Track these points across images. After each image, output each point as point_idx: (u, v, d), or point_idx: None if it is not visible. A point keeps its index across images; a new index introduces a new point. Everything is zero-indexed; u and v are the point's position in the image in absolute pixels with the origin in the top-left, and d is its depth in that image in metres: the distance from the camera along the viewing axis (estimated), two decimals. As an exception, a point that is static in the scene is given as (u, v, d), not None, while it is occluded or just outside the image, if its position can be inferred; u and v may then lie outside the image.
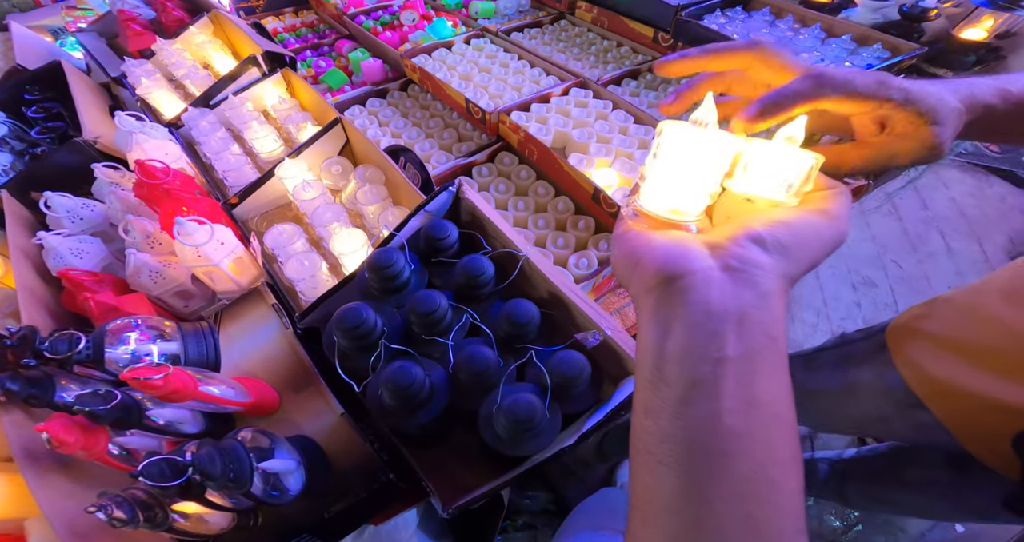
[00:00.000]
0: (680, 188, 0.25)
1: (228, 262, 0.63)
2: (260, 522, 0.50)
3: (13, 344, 0.47)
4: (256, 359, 0.60)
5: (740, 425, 0.19)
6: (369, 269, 0.53)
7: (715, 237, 0.23)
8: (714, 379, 0.20)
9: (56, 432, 0.42)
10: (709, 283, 0.21)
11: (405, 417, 0.45)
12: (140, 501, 0.41)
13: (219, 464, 0.40)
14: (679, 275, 0.22)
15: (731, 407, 0.20)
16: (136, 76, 0.93)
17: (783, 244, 0.22)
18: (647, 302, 0.23)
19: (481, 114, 0.87)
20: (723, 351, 0.20)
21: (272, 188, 0.77)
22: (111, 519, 0.38)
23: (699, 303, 0.21)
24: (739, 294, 0.21)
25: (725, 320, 0.20)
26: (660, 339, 0.22)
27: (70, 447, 0.43)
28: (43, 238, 0.64)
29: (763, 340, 0.20)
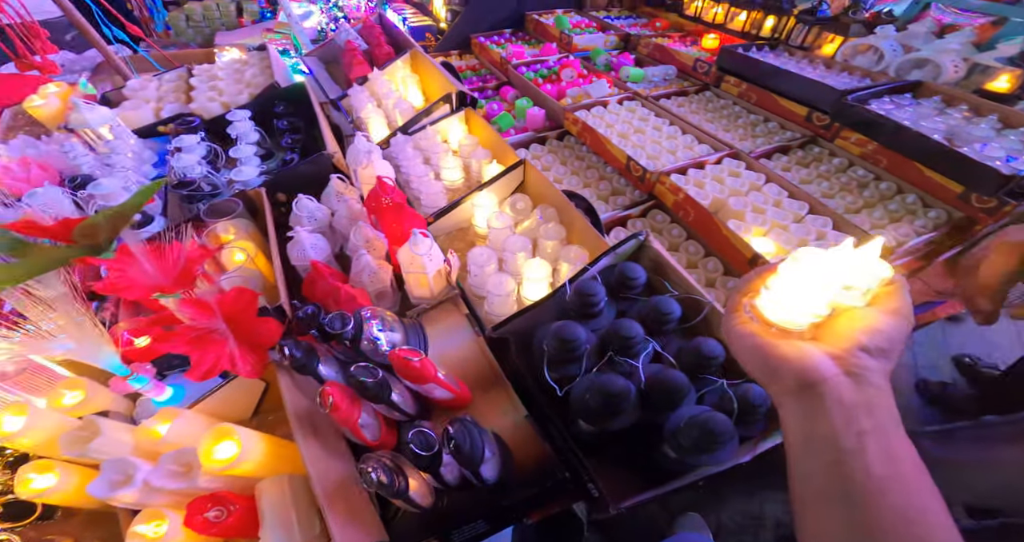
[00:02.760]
0: (798, 309, 0.31)
1: (433, 272, 0.74)
2: (447, 504, 0.57)
3: (302, 317, 0.60)
4: (450, 359, 0.68)
5: (887, 472, 0.27)
6: (575, 294, 0.61)
7: (832, 349, 0.30)
8: (859, 446, 0.27)
9: (337, 397, 0.52)
10: (840, 387, 0.29)
11: (605, 420, 0.51)
12: (392, 469, 0.49)
13: (468, 441, 0.48)
14: (816, 382, 0.29)
15: (877, 461, 0.27)
16: (361, 101, 1.11)
17: (883, 349, 0.30)
18: (789, 401, 0.31)
19: (641, 172, 0.95)
20: (862, 426, 0.28)
21: (459, 212, 0.89)
22: (378, 481, 0.46)
23: (836, 400, 0.29)
24: (863, 391, 0.29)
25: (857, 408, 0.28)
26: (809, 426, 0.29)
27: (342, 411, 0.52)
28: (297, 232, 0.78)
29: (887, 417, 0.28)
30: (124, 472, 0.49)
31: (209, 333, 0.54)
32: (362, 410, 0.55)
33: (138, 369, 0.61)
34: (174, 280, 0.53)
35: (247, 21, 2.79)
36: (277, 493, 0.54)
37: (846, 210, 0.93)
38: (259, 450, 0.53)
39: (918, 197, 0.95)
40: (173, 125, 1.10)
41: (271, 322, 0.58)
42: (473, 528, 0.57)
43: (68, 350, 0.53)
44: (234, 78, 1.24)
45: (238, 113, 1.08)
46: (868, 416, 0.28)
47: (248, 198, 0.90)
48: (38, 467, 0.51)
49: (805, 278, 0.31)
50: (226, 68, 1.28)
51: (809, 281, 0.31)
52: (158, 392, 0.64)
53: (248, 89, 1.20)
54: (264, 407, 0.67)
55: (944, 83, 1.08)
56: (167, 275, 0.53)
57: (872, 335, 0.30)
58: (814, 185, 0.98)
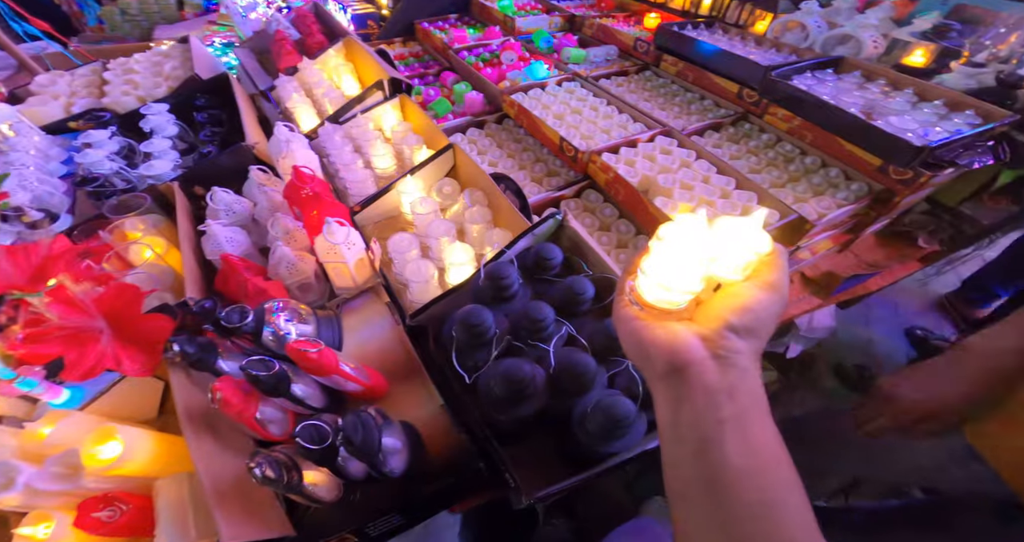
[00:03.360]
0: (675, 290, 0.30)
1: (354, 261, 0.71)
2: (358, 498, 0.55)
3: (197, 312, 0.56)
4: (369, 349, 0.66)
5: (743, 463, 0.26)
6: (487, 278, 0.59)
7: (703, 329, 0.29)
8: (719, 434, 0.27)
9: (226, 392, 0.49)
10: (705, 371, 0.28)
11: (511, 408, 0.50)
12: (283, 464, 0.46)
13: (360, 433, 0.46)
14: (683, 366, 0.28)
15: (734, 451, 0.26)
16: (288, 91, 1.05)
17: (751, 329, 0.29)
18: (660, 386, 0.30)
19: (574, 153, 0.93)
20: (721, 413, 0.27)
21: (387, 201, 0.86)
22: (263, 477, 0.44)
23: (700, 385, 0.28)
24: (727, 374, 0.28)
25: (720, 394, 0.27)
26: (675, 411, 0.29)
27: (233, 407, 0.49)
28: (208, 225, 0.74)
29: (749, 401, 0.28)
30: (6, 475, 0.47)
31: (85, 332, 0.50)
32: (260, 405, 0.52)
33: (25, 372, 0.57)
34: (29, 277, 0.49)
35: (189, 14, 2.64)
36: (175, 492, 0.52)
37: (772, 184, 0.94)
38: (147, 449, 0.51)
39: (841, 170, 0.96)
40: (83, 121, 1.02)
41: (160, 318, 0.55)
42: (388, 521, 0.55)
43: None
44: (152, 71, 1.16)
45: (154, 106, 1.01)
46: (730, 401, 0.27)
47: (160, 193, 0.85)
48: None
49: (674, 255, 0.29)
50: (144, 61, 1.20)
51: (678, 257, 0.29)
52: (53, 394, 0.59)
53: (167, 82, 1.13)
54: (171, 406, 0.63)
55: (865, 59, 1.10)
56: (22, 273, 0.49)
57: (741, 314, 0.29)
58: (743, 161, 0.98)
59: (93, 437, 0.47)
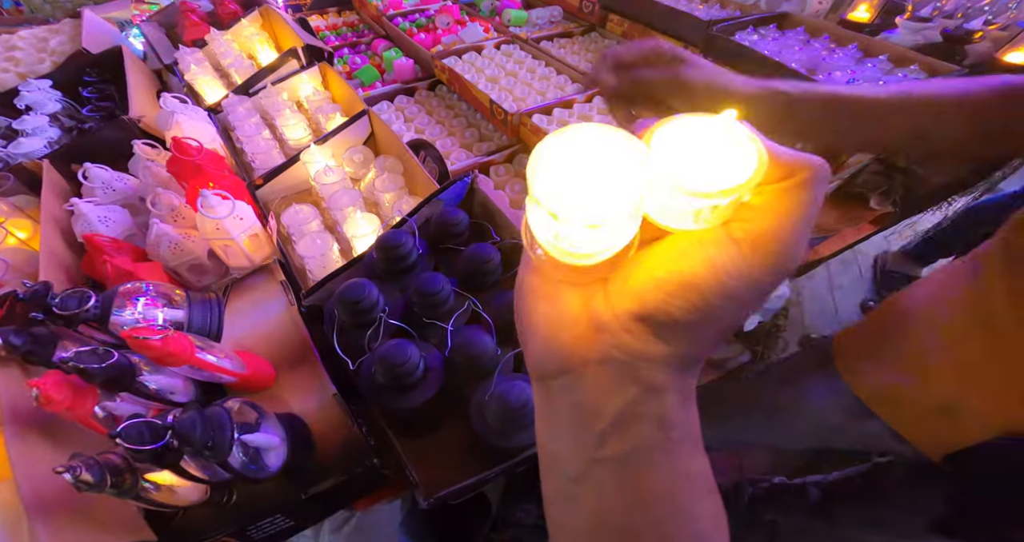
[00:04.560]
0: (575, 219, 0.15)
1: (244, 238, 0.62)
2: (234, 499, 0.47)
3: (24, 298, 0.47)
4: (258, 334, 0.58)
5: (624, 523, 0.18)
6: (378, 249, 0.51)
7: (606, 310, 0.17)
8: (595, 478, 0.18)
9: (47, 388, 0.40)
10: (585, 382, 0.18)
11: (396, 396, 0.42)
12: (112, 466, 0.38)
13: (199, 430, 0.37)
14: (555, 374, 0.18)
15: (614, 507, 0.18)
16: (187, 63, 0.94)
17: (683, 323, 0.15)
18: (535, 390, 0.21)
19: (504, 115, 0.85)
20: (603, 451, 0.18)
21: (296, 173, 0.76)
22: (77, 481, 0.36)
23: (576, 404, 0.18)
24: (620, 391, 0.17)
25: (602, 420, 0.17)
26: (548, 429, 0.20)
27: (57, 405, 0.41)
28: (75, 204, 0.64)
29: (651, 434, 0.17)
30: None
31: None
32: (104, 401, 0.44)
33: None
34: None
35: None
36: (10, 498, 0.43)
37: (716, 142, 0.87)
38: None
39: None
40: (-47, 99, 0.89)
41: (-22, 308, 0.45)
42: (273, 523, 0.47)
43: None
44: (35, 47, 1.03)
45: (34, 83, 0.89)
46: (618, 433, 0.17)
47: (29, 172, 0.73)
48: None
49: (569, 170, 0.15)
50: (29, 37, 1.07)
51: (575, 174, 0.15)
52: None
53: (52, 58, 1.00)
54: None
55: (811, 15, 1.04)
56: None
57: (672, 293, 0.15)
58: (686, 120, 0.91)
59: None
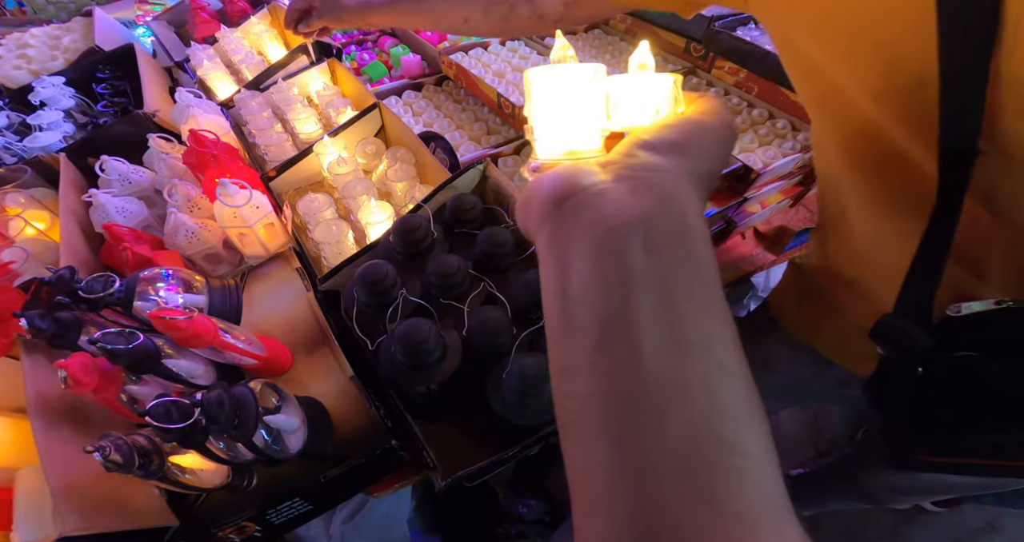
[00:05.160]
0: (566, 127, 0.22)
1: (260, 226, 0.63)
2: (255, 483, 0.48)
3: (50, 282, 0.47)
4: (275, 320, 0.58)
5: (668, 370, 0.15)
6: (395, 233, 0.51)
7: (607, 157, 0.20)
8: (627, 311, 0.15)
9: (74, 370, 0.41)
10: (603, 196, 0.17)
11: (415, 376, 0.43)
12: (139, 447, 0.39)
13: (227, 409, 0.38)
14: (568, 196, 0.18)
15: (654, 347, 0.15)
16: (199, 59, 0.95)
17: (674, 142, 0.19)
18: (541, 235, 0.19)
19: (511, 108, 0.85)
20: (632, 273, 0.15)
21: (308, 166, 0.77)
22: (107, 461, 0.36)
23: (595, 222, 0.17)
24: (639, 202, 0.16)
25: (629, 234, 0.16)
26: (561, 275, 0.17)
27: (84, 387, 0.41)
28: (93, 195, 0.64)
29: (678, 252, 0.16)
30: None
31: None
32: (129, 384, 0.44)
33: None
34: None
35: (123, -7, 2.45)
36: (36, 482, 0.44)
37: (720, 134, 0.88)
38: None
39: (788, 121, 0.91)
40: (-33, 96, 0.90)
41: (8, 291, 0.46)
42: (292, 507, 0.48)
43: None
44: (48, 45, 1.04)
45: (48, 80, 0.90)
46: (645, 249, 0.16)
47: (46, 165, 0.74)
48: None
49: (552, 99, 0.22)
50: (41, 36, 1.08)
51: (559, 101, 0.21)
52: None
53: (65, 55, 1.01)
54: None
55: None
56: None
57: (657, 129, 0.19)
58: (691, 113, 0.92)
59: None
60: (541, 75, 0.22)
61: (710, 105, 0.21)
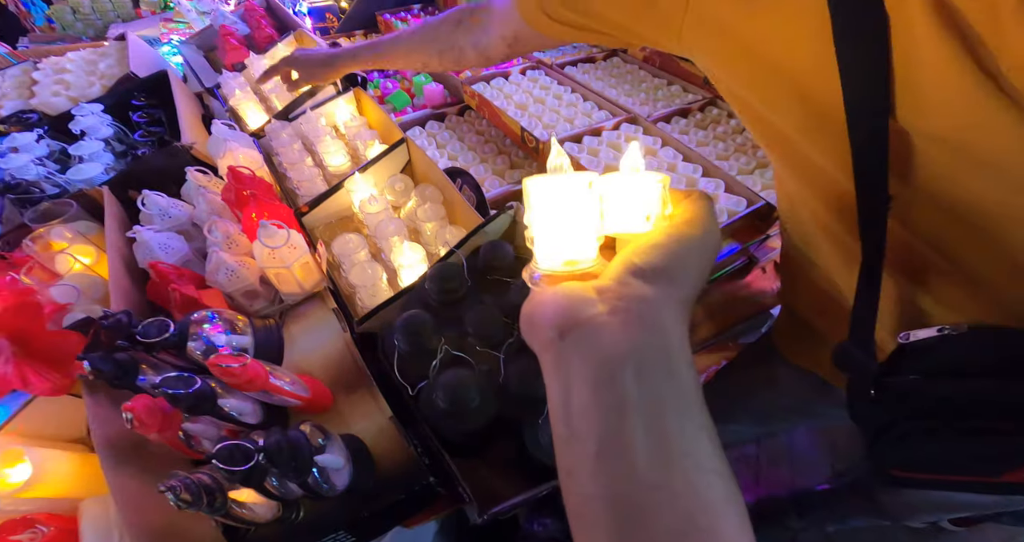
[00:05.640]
0: (563, 238, 0.24)
1: (297, 266, 0.67)
2: (301, 516, 0.51)
3: (109, 326, 0.51)
4: (313, 359, 0.62)
5: (657, 478, 0.19)
6: (431, 281, 0.55)
7: (602, 279, 0.22)
8: (620, 430, 0.19)
9: (139, 412, 0.45)
10: (599, 331, 0.20)
11: (456, 421, 0.46)
12: (205, 485, 0.43)
13: (285, 452, 0.42)
14: (570, 328, 0.21)
15: (645, 460, 0.19)
16: (231, 88, 1.00)
17: (661, 269, 0.21)
18: (546, 359, 0.22)
19: (535, 143, 0.90)
20: (625, 399, 0.19)
21: (338, 201, 0.81)
22: (178, 499, 0.40)
23: (592, 355, 0.20)
24: (631, 336, 0.20)
25: (622, 367, 0.19)
26: (564, 395, 0.21)
27: (148, 428, 0.45)
28: (137, 232, 0.69)
29: (663, 379, 0.20)
30: None
31: (-16, 352, 0.45)
32: (190, 424, 0.48)
33: None
34: None
35: (145, 11, 2.54)
36: (100, 513, 0.48)
37: (739, 171, 0.91)
38: (62, 470, 0.48)
39: (810, 153, 0.94)
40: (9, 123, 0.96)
41: (68, 335, 0.50)
42: (336, 539, 0.52)
43: None
44: (85, 70, 1.10)
45: (86, 107, 0.95)
46: (636, 378, 0.19)
47: (90, 198, 0.79)
48: None
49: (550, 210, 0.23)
50: (77, 60, 1.14)
51: (555, 212, 0.23)
52: None
53: (101, 81, 1.07)
54: None
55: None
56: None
57: (646, 252, 0.21)
58: (710, 147, 0.96)
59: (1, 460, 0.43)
60: (539, 186, 0.23)
61: (695, 213, 0.23)
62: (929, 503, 0.69)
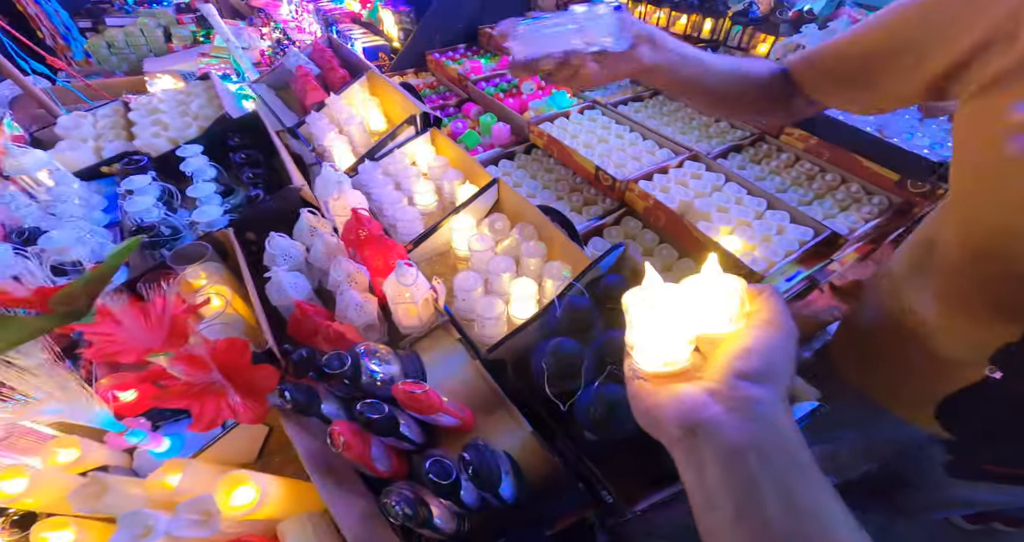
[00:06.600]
0: (662, 345, 0.29)
1: (420, 301, 0.78)
2: (467, 526, 0.61)
3: (298, 360, 0.62)
4: (449, 384, 0.72)
5: (790, 528, 0.23)
6: (566, 311, 0.66)
7: (710, 383, 0.28)
8: (754, 496, 0.24)
9: (348, 435, 0.55)
10: (722, 427, 0.26)
11: (612, 429, 0.56)
12: (414, 500, 0.52)
13: (485, 465, 0.52)
14: (695, 426, 0.26)
15: (777, 514, 0.23)
16: (321, 128, 1.12)
17: (763, 373, 0.27)
18: (678, 451, 0.28)
19: (611, 181, 1.02)
20: (754, 479, 0.24)
21: (437, 237, 0.93)
22: (403, 514, 0.50)
23: (721, 446, 0.26)
24: (749, 429, 0.25)
25: (748, 453, 0.25)
26: (699, 475, 0.26)
27: (354, 450, 0.55)
28: (274, 272, 0.80)
29: (783, 460, 0.25)
30: (143, 524, 0.51)
31: (207, 386, 0.55)
32: (372, 445, 0.58)
33: (132, 424, 0.62)
34: (165, 339, 0.54)
35: (177, 46, 2.72)
36: (300, 532, 0.56)
37: (799, 203, 1.04)
38: (277, 493, 0.56)
39: (860, 186, 1.07)
40: (118, 165, 1.07)
41: (267, 368, 0.60)
42: (497, 549, 0.61)
43: (59, 413, 0.54)
44: (178, 110, 1.23)
45: (189, 148, 1.07)
46: (762, 462, 0.25)
47: (215, 240, 0.90)
48: (52, 525, 0.52)
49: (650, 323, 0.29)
50: (168, 100, 1.26)
51: (656, 325, 0.29)
52: (156, 444, 0.65)
53: (196, 122, 1.19)
54: (269, 448, 0.69)
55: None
56: (156, 334, 0.54)
57: (746, 358, 0.27)
58: (768, 181, 1.09)
59: (225, 484, 0.52)
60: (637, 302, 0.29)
61: (772, 312, 0.28)
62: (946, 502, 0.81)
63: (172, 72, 2.16)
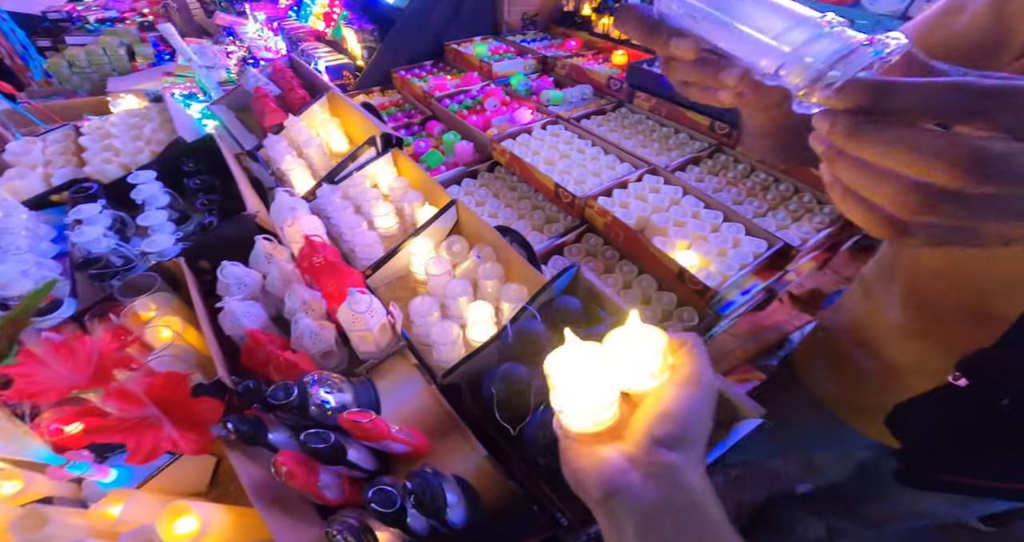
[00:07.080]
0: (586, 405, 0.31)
1: (377, 327, 0.79)
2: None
3: (243, 392, 0.63)
4: (405, 410, 0.74)
5: None
6: (516, 337, 0.68)
7: (630, 448, 0.30)
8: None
9: (290, 465, 0.56)
10: (639, 493, 0.28)
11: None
12: (358, 528, 0.53)
13: (428, 492, 0.53)
14: (614, 493, 0.29)
15: None
16: (279, 152, 1.14)
17: (680, 438, 0.29)
18: (600, 514, 0.31)
19: (571, 198, 1.05)
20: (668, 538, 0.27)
21: (396, 261, 0.95)
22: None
23: (638, 512, 0.28)
24: (665, 494, 0.28)
25: (662, 519, 0.28)
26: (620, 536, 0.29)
27: (298, 479, 0.56)
28: (226, 302, 0.81)
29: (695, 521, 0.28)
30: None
31: (142, 419, 0.56)
32: (321, 473, 0.59)
33: (75, 456, 0.62)
34: (90, 377, 0.55)
35: (141, 65, 2.71)
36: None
37: (755, 214, 1.09)
38: (222, 523, 0.57)
39: (813, 195, 1.12)
40: (67, 193, 1.07)
41: (209, 402, 0.61)
42: (452, 575, 0.62)
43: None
44: (131, 135, 1.23)
45: (141, 175, 1.07)
46: (676, 523, 0.28)
47: (166, 269, 0.90)
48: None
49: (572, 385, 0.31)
50: (120, 124, 1.27)
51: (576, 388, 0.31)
52: (102, 474, 0.65)
53: (149, 146, 1.19)
54: (223, 478, 0.70)
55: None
56: (81, 373, 0.55)
57: (664, 423, 0.29)
58: (725, 192, 1.13)
59: (167, 514, 0.53)
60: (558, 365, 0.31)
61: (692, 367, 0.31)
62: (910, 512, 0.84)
63: (136, 91, 2.15)
